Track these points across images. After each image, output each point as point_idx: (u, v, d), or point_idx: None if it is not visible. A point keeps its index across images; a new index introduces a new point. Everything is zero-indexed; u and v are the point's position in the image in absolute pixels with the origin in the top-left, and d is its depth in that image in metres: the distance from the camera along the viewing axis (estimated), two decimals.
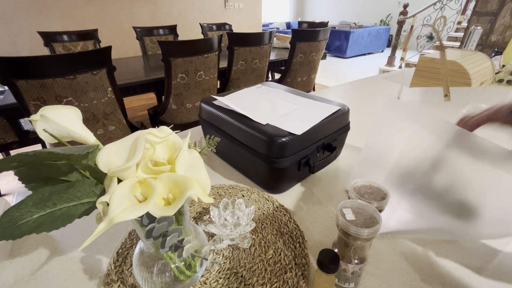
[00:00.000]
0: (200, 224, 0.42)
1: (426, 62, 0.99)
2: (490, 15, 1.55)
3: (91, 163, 0.24)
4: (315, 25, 3.05)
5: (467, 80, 0.86)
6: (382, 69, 4.31)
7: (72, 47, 2.12)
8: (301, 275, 0.37)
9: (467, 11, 3.81)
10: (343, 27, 5.72)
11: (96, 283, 0.36)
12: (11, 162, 0.21)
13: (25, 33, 2.67)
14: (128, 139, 0.25)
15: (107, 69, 1.17)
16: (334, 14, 7.47)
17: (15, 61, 0.96)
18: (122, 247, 0.41)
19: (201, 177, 0.27)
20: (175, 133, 0.29)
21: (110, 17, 3.09)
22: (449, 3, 3.80)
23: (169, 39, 2.57)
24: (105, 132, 1.30)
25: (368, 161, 0.47)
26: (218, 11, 3.90)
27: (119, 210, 0.21)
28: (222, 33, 1.91)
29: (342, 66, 5.07)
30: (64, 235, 0.44)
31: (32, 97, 1.05)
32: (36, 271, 0.38)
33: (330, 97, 0.80)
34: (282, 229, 0.44)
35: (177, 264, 0.31)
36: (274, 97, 0.63)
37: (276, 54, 2.43)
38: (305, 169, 0.54)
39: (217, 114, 0.58)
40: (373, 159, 0.47)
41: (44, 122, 0.25)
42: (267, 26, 6.66)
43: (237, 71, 1.84)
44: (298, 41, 1.92)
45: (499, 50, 1.38)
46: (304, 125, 0.50)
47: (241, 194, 0.53)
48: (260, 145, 0.49)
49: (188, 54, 1.42)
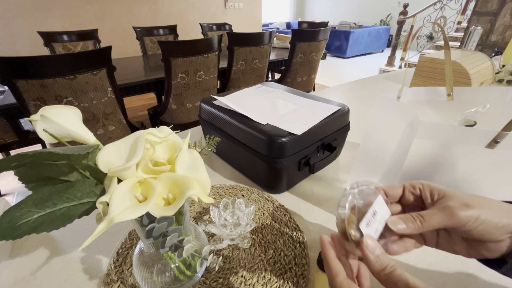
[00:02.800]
0: (200, 224, 0.42)
1: (426, 62, 0.99)
2: (490, 15, 1.55)
3: (91, 163, 0.24)
4: (315, 25, 3.05)
5: (467, 80, 0.86)
6: (382, 69, 4.31)
7: (72, 47, 2.12)
8: (301, 275, 0.37)
9: (467, 11, 3.81)
10: (343, 27, 5.73)
11: (96, 283, 0.36)
12: (11, 162, 0.21)
13: (25, 33, 2.67)
14: (128, 139, 0.25)
15: (107, 69, 1.17)
16: (334, 14, 7.47)
17: (15, 61, 0.96)
18: (122, 247, 0.41)
19: (201, 177, 0.27)
20: (175, 133, 0.29)
21: (110, 17, 3.10)
22: (449, 3, 3.80)
23: (169, 39, 2.57)
24: (105, 132, 1.30)
25: (365, 161, 0.47)
26: (218, 11, 3.90)
27: (119, 210, 0.21)
28: (222, 33, 1.91)
29: (342, 66, 5.07)
30: (64, 235, 0.44)
31: (32, 97, 1.05)
32: (36, 271, 0.38)
33: (330, 97, 0.80)
34: (282, 229, 0.44)
35: (177, 264, 0.31)
36: (274, 97, 0.63)
37: (276, 54, 2.43)
38: (305, 169, 0.54)
39: (217, 114, 0.58)
40: (370, 159, 0.47)
41: (44, 122, 0.25)
42: (267, 26, 6.66)
43: (237, 71, 1.84)
44: (298, 41, 1.92)
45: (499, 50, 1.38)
46: (304, 125, 0.50)
47: (241, 194, 0.53)
48: (260, 145, 0.49)
49: (188, 54, 1.42)
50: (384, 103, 0.42)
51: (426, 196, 0.26)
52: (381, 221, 0.26)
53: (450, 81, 0.47)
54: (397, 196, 0.28)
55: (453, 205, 0.24)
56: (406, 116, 0.39)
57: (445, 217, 0.24)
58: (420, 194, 0.27)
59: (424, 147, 0.37)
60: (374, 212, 0.26)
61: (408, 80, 1.14)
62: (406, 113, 0.39)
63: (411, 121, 0.38)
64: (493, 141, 0.31)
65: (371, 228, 0.25)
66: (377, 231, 0.25)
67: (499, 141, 0.30)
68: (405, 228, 0.25)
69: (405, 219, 0.25)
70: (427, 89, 0.49)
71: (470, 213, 0.23)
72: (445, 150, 0.37)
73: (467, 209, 0.23)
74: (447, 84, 0.48)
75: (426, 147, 0.37)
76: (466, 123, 0.46)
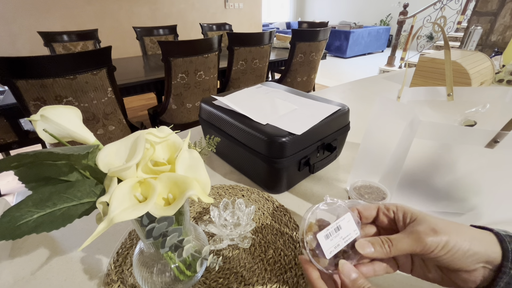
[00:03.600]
0: (200, 224, 0.42)
1: (426, 62, 0.99)
2: (490, 15, 1.55)
3: (91, 163, 0.24)
4: (315, 25, 3.05)
5: (467, 80, 0.86)
6: (382, 69, 4.31)
7: (72, 47, 2.12)
8: (301, 275, 0.37)
9: (467, 11, 3.81)
10: (343, 27, 5.73)
11: (96, 283, 0.36)
12: (11, 162, 0.21)
13: (25, 33, 2.68)
14: (128, 139, 0.25)
15: (107, 69, 1.17)
16: (334, 14, 7.47)
17: (15, 61, 0.96)
18: (122, 247, 0.41)
19: (201, 177, 0.27)
20: (175, 133, 0.29)
21: (110, 17, 3.10)
22: (449, 3, 3.80)
23: (169, 39, 2.57)
24: (105, 132, 1.30)
25: (365, 161, 0.47)
26: (218, 11, 3.90)
27: (119, 210, 0.21)
28: (222, 33, 1.91)
29: (342, 66, 5.07)
30: (64, 235, 0.44)
31: (32, 97, 1.05)
32: (36, 271, 0.38)
33: (330, 97, 0.80)
34: (282, 229, 0.44)
35: (177, 264, 0.31)
36: (274, 97, 0.63)
37: (276, 54, 2.43)
38: (305, 169, 0.54)
39: (217, 114, 0.58)
40: (370, 159, 0.47)
41: (44, 122, 0.25)
42: (267, 26, 6.66)
43: (237, 71, 1.84)
44: (298, 41, 1.92)
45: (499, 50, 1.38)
46: (304, 125, 0.50)
47: (241, 194, 0.53)
48: (260, 145, 0.49)
49: (188, 54, 1.42)
50: (384, 103, 0.42)
51: (398, 219, 0.26)
52: (346, 239, 0.26)
53: (450, 81, 0.47)
54: (371, 218, 0.28)
55: (421, 230, 0.23)
56: (406, 116, 0.39)
57: (412, 242, 0.23)
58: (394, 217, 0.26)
59: (424, 147, 0.37)
60: (338, 227, 0.26)
61: (408, 80, 1.14)
62: (406, 113, 0.39)
63: (411, 121, 0.38)
64: (493, 140, 0.31)
65: (330, 242, 0.25)
66: (337, 247, 0.25)
67: (499, 141, 0.31)
68: (373, 252, 0.24)
69: (373, 242, 0.25)
70: (427, 89, 0.49)
71: (437, 239, 0.22)
72: (445, 150, 0.37)
73: (435, 235, 0.22)
74: (447, 84, 0.48)
75: (426, 147, 0.37)
76: (466, 123, 0.46)
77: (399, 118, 0.40)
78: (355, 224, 0.26)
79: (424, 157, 0.39)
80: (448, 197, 0.40)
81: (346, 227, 0.26)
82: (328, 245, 0.25)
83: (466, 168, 0.38)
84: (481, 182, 0.38)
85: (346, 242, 0.25)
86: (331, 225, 0.26)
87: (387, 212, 0.27)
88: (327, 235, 0.25)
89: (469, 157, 0.36)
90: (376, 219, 0.28)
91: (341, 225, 0.26)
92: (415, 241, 0.23)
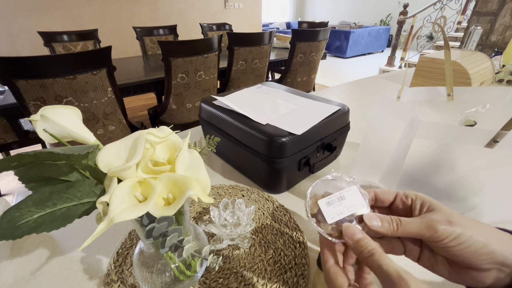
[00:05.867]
0: (200, 224, 0.42)
1: (426, 62, 0.99)
2: (490, 15, 1.55)
3: (91, 163, 0.24)
4: (315, 25, 3.05)
5: (467, 80, 0.86)
6: (382, 69, 4.31)
7: (72, 47, 2.12)
8: (301, 275, 0.37)
9: (467, 11, 3.81)
10: (343, 27, 5.73)
11: (96, 283, 0.36)
12: (11, 162, 0.21)
13: (25, 33, 2.68)
14: (128, 139, 0.25)
15: (107, 69, 1.17)
16: (334, 14, 7.47)
17: (15, 61, 0.96)
18: (122, 247, 0.41)
19: (201, 177, 0.27)
20: (175, 133, 0.29)
21: (110, 17, 3.10)
22: (449, 3, 3.80)
23: (169, 39, 2.57)
24: (105, 132, 1.30)
25: (365, 161, 0.47)
26: (218, 11, 3.90)
27: (119, 210, 0.21)
28: (222, 33, 1.91)
29: (342, 66, 5.07)
30: (64, 235, 0.44)
31: (32, 97, 1.05)
32: (36, 271, 0.38)
33: (330, 97, 0.80)
34: (282, 229, 0.44)
35: (177, 264, 0.31)
36: (274, 97, 0.63)
37: (276, 54, 2.43)
38: (305, 169, 0.54)
39: (217, 114, 0.58)
40: (370, 159, 0.47)
41: (44, 122, 0.25)
42: (267, 26, 6.66)
43: (237, 71, 1.84)
44: (298, 41, 1.92)
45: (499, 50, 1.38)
46: (304, 125, 0.50)
47: (241, 194, 0.53)
48: (260, 145, 0.49)
49: (188, 54, 1.42)
50: (384, 103, 0.42)
51: (415, 207, 0.25)
52: (350, 209, 0.25)
53: (450, 81, 0.47)
54: (388, 202, 0.27)
55: (435, 218, 0.22)
56: (406, 116, 0.39)
57: (422, 227, 0.22)
58: (411, 205, 0.26)
59: (424, 147, 0.37)
60: (342, 197, 0.26)
61: (408, 80, 1.14)
62: (406, 113, 0.39)
63: (411, 121, 0.38)
64: (493, 140, 0.31)
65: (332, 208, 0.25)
66: (340, 215, 0.25)
67: (498, 141, 0.31)
68: (379, 226, 0.24)
69: (382, 218, 0.24)
70: (427, 89, 0.49)
71: (450, 229, 0.21)
72: (445, 150, 0.37)
73: (448, 225, 0.21)
74: (447, 84, 0.48)
75: (426, 147, 0.37)
76: (466, 123, 0.46)
77: (399, 118, 0.40)
78: (362, 199, 0.26)
79: (424, 157, 0.39)
80: (448, 197, 0.40)
81: (351, 198, 0.26)
82: (330, 211, 0.25)
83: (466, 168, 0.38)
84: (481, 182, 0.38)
85: (351, 211, 0.25)
86: (334, 194, 0.26)
87: (405, 199, 0.26)
88: (328, 203, 0.25)
89: (469, 157, 0.36)
90: (392, 204, 0.27)
91: (345, 196, 0.26)
92: (425, 227, 0.22)
